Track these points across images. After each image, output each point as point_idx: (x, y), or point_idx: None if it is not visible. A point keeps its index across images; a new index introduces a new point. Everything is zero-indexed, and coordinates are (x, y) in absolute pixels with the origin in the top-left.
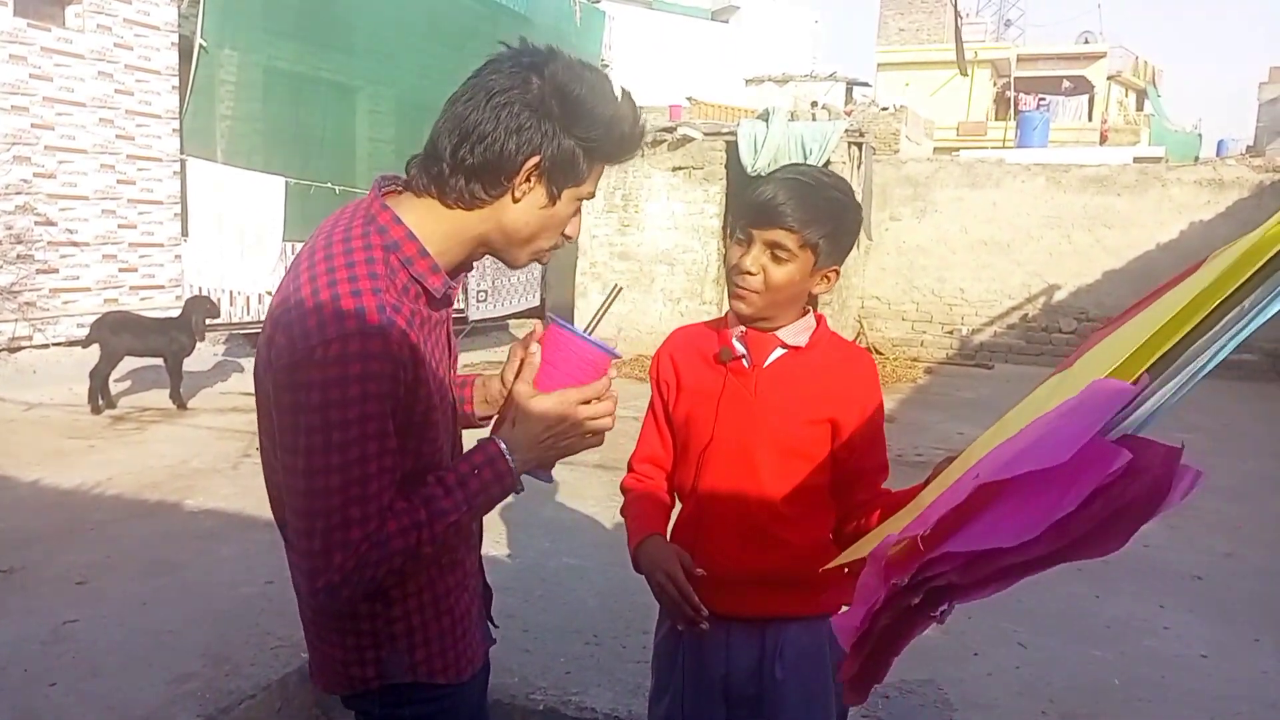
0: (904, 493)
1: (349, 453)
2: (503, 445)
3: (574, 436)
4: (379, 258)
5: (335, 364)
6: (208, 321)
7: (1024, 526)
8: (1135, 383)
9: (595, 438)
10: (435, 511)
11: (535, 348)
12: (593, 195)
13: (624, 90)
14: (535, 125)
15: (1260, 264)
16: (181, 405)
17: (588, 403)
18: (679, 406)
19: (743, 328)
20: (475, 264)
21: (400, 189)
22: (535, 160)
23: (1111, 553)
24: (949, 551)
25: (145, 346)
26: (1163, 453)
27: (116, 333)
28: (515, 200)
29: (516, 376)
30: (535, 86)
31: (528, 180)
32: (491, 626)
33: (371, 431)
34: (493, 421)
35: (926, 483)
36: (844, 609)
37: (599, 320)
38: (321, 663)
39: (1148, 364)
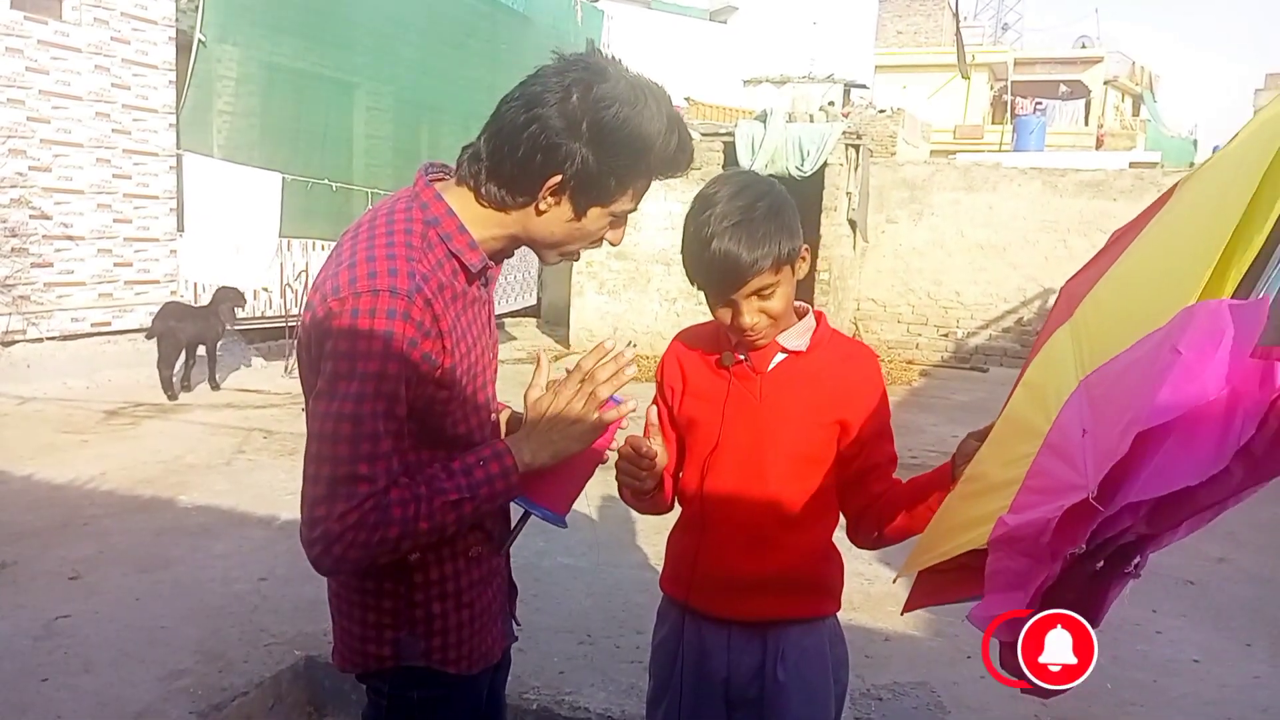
0: (923, 479)
1: (364, 405)
2: (510, 443)
3: (563, 425)
4: (417, 230)
5: (364, 316)
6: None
7: (1208, 460)
8: (1242, 297)
9: (589, 430)
10: (436, 489)
11: (544, 360)
12: (634, 209)
13: (672, 113)
14: (562, 145)
15: None
16: (217, 387)
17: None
18: (683, 409)
19: None
20: None
21: (445, 176)
22: (557, 179)
23: None
24: (1131, 503)
25: (196, 333)
26: None
27: (180, 321)
28: (539, 213)
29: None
30: (572, 107)
31: (551, 195)
32: (515, 625)
33: (386, 390)
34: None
35: (953, 463)
36: (976, 602)
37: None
38: (341, 638)
39: (1238, 281)
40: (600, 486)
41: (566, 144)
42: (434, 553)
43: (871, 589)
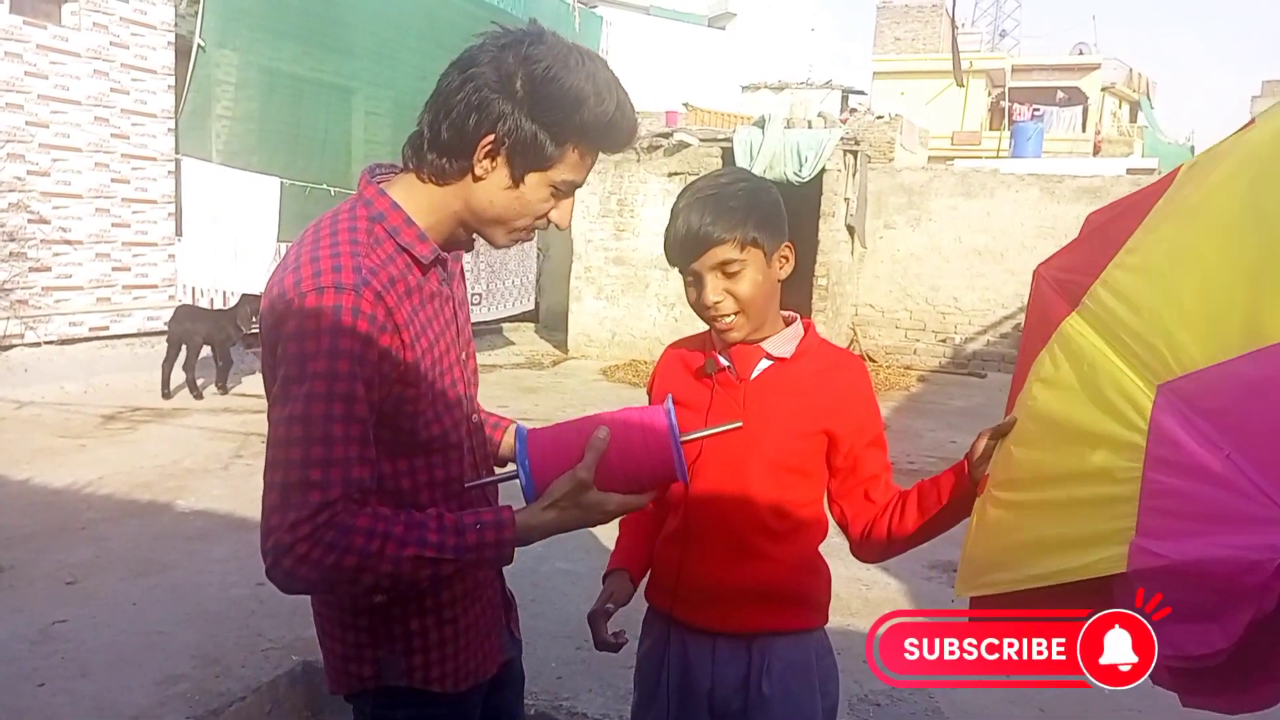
0: (935, 485)
1: (314, 406)
2: (518, 519)
3: (576, 523)
4: (362, 227)
5: (310, 316)
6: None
7: None
8: None
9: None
10: (413, 538)
11: (604, 433)
12: (576, 184)
13: (610, 78)
14: (494, 102)
15: None
16: (225, 390)
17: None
18: None
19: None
20: (469, 267)
21: (391, 175)
22: (490, 139)
23: None
24: None
25: (209, 335)
26: None
27: (194, 323)
28: (476, 179)
29: (582, 459)
30: (506, 66)
31: (487, 159)
32: (513, 638)
33: (340, 391)
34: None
35: (970, 462)
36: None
37: (703, 439)
38: (327, 659)
39: None
40: None
41: (499, 101)
42: None
43: (870, 594)
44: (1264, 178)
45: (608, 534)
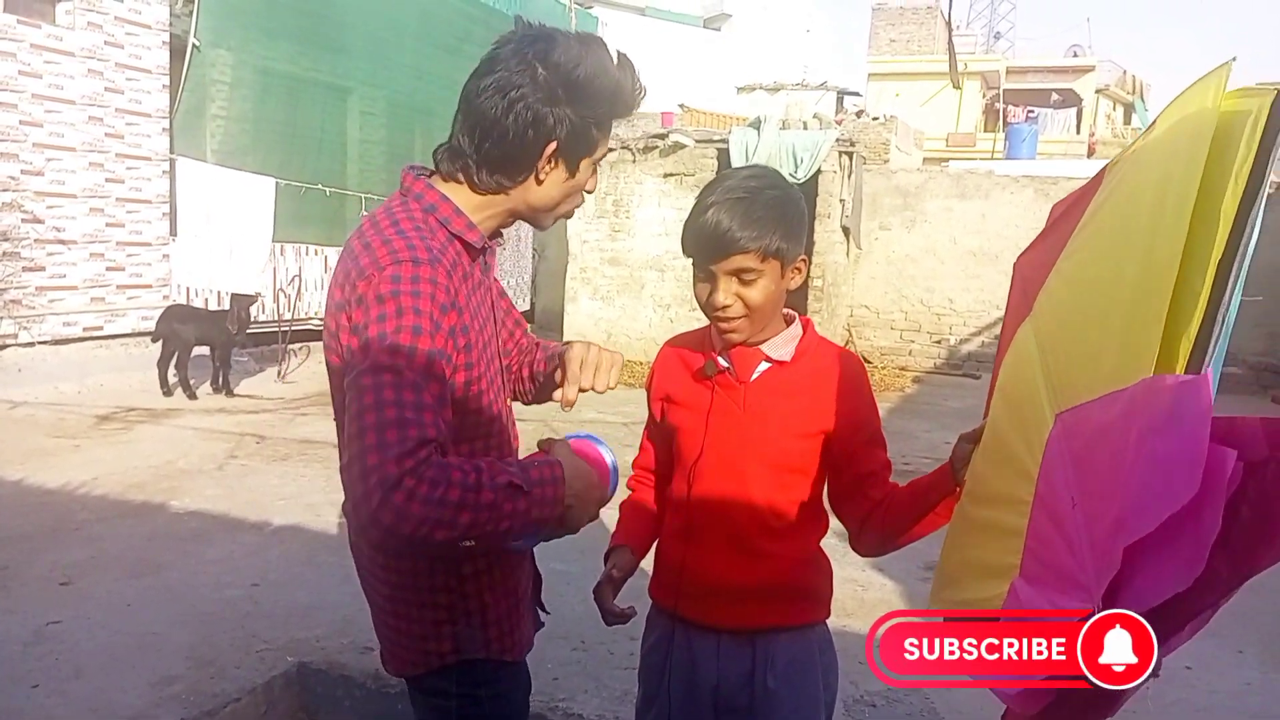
0: (924, 484)
1: (399, 358)
2: (564, 461)
3: (591, 481)
4: (419, 217)
5: (390, 282)
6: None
7: (1190, 562)
8: (1199, 373)
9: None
10: (500, 468)
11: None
12: (607, 151)
13: (619, 55)
14: (549, 114)
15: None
16: (230, 393)
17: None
18: (669, 419)
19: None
20: None
21: (429, 174)
22: (553, 146)
23: None
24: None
25: (203, 335)
26: (1261, 428)
27: (184, 322)
28: (540, 182)
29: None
30: (542, 78)
31: (550, 163)
32: (542, 613)
33: (422, 349)
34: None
35: (952, 466)
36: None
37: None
38: (396, 642)
39: (1188, 350)
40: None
41: (552, 111)
42: None
43: (865, 595)
44: (1134, 194)
45: (601, 537)
